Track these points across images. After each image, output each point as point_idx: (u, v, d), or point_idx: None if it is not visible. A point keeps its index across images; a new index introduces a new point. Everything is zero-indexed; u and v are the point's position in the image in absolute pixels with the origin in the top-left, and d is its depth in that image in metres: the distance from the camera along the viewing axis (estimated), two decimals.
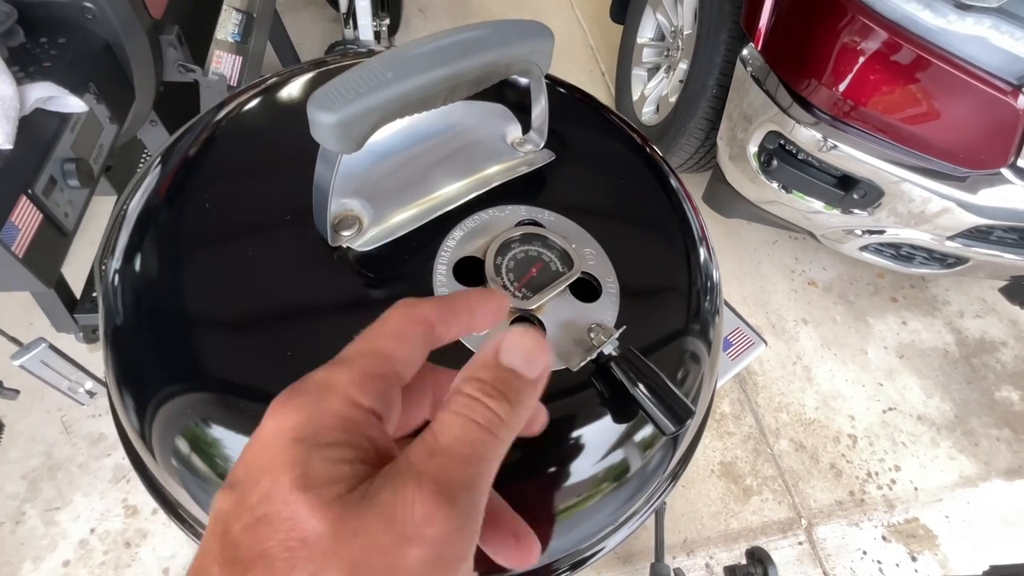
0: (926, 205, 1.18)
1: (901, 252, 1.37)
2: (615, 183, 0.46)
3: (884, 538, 1.34)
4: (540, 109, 0.41)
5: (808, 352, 1.60)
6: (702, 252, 0.46)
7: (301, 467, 0.17)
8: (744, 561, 1.03)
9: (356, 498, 0.17)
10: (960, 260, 1.32)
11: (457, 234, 0.38)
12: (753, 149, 1.31)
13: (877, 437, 1.48)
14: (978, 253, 1.26)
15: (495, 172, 0.41)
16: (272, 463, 0.17)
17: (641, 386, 0.32)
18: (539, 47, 0.36)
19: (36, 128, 0.70)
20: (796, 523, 1.34)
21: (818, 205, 1.30)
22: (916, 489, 1.41)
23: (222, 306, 0.36)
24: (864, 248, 1.38)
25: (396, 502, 0.16)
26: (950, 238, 1.24)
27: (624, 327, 0.35)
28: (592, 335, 0.34)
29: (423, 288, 0.36)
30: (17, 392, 0.85)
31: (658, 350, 0.39)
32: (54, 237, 0.72)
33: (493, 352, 0.20)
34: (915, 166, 1.15)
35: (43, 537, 1.15)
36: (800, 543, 1.31)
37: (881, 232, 1.30)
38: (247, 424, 0.33)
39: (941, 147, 1.11)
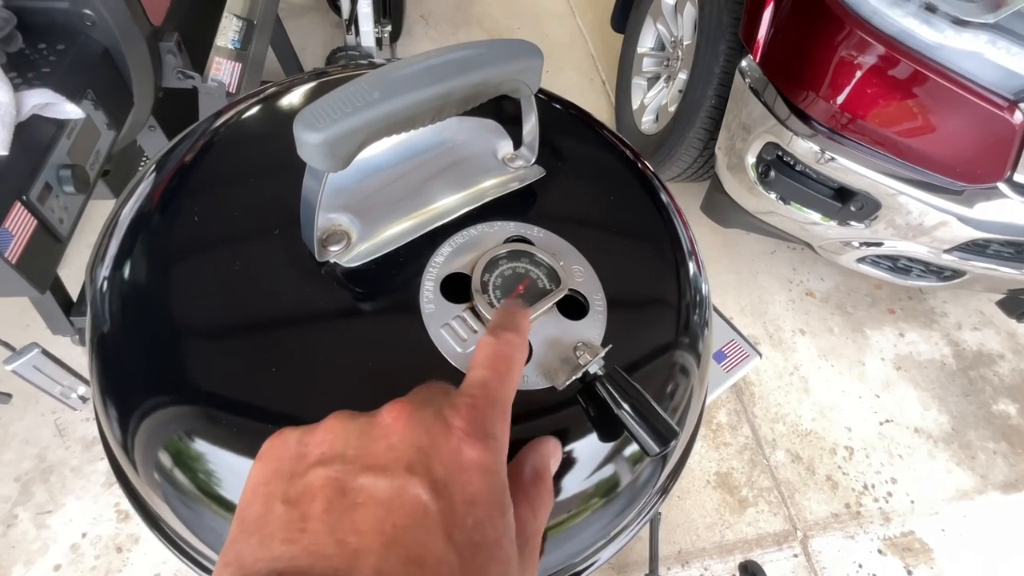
0: (923, 218, 1.18)
1: (898, 264, 1.37)
2: (605, 199, 0.46)
3: (880, 551, 1.33)
4: (531, 126, 0.41)
5: (805, 363, 1.60)
6: (691, 266, 0.46)
7: (510, 518, 0.22)
8: (737, 574, 1.03)
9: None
10: (957, 273, 1.32)
11: (445, 250, 0.38)
12: (751, 160, 1.32)
13: (874, 449, 1.47)
14: (975, 266, 1.26)
15: (485, 188, 0.41)
16: (487, 498, 0.22)
17: (626, 406, 0.32)
18: (528, 66, 0.36)
19: (32, 134, 0.70)
20: (791, 535, 1.33)
21: (815, 216, 1.30)
22: (912, 502, 1.41)
23: (208, 318, 0.36)
24: (861, 260, 1.38)
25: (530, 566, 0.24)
26: (947, 251, 1.24)
27: (610, 346, 0.35)
28: (578, 353, 0.34)
29: (410, 304, 0.36)
30: (9, 396, 0.85)
31: (646, 365, 0.38)
32: (48, 243, 0.72)
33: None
34: (912, 179, 1.15)
35: (34, 540, 1.15)
36: (795, 555, 1.31)
37: (878, 244, 1.30)
38: (230, 438, 0.33)
39: (938, 161, 1.11)
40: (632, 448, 0.37)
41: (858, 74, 1.10)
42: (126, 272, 0.39)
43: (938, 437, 1.51)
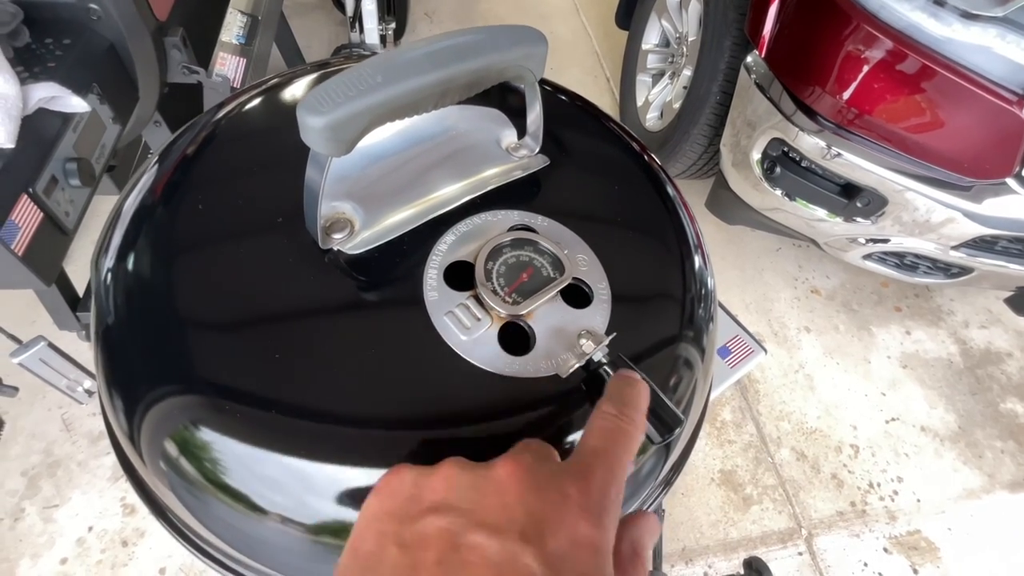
0: (930, 214, 1.17)
1: (905, 261, 1.36)
2: (610, 189, 0.45)
3: (886, 550, 1.32)
4: (535, 115, 0.41)
5: (810, 361, 1.59)
6: (697, 260, 0.45)
7: None
8: (742, 571, 1.02)
9: None
10: (965, 270, 1.31)
11: (449, 238, 0.37)
12: (756, 156, 1.31)
13: (879, 447, 1.46)
14: (983, 263, 1.25)
15: (489, 176, 0.41)
16: (589, 568, 0.21)
17: None
18: (532, 53, 0.36)
19: (39, 127, 0.71)
20: (796, 533, 1.32)
21: (821, 213, 1.29)
22: (919, 501, 1.40)
23: (212, 308, 0.36)
24: (867, 257, 1.37)
25: None
26: (954, 248, 1.23)
27: (614, 334, 0.34)
28: (582, 341, 0.34)
29: (413, 292, 0.36)
30: (16, 389, 0.85)
31: (650, 357, 0.38)
32: (54, 236, 0.72)
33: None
34: (919, 175, 1.15)
35: (41, 534, 1.16)
36: (800, 553, 1.30)
37: (885, 241, 1.29)
38: (235, 427, 0.33)
39: (946, 156, 1.10)
40: None
41: (865, 69, 1.09)
42: (130, 263, 0.39)
43: (945, 436, 1.50)
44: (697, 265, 0.45)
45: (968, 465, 1.46)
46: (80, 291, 0.97)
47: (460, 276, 0.36)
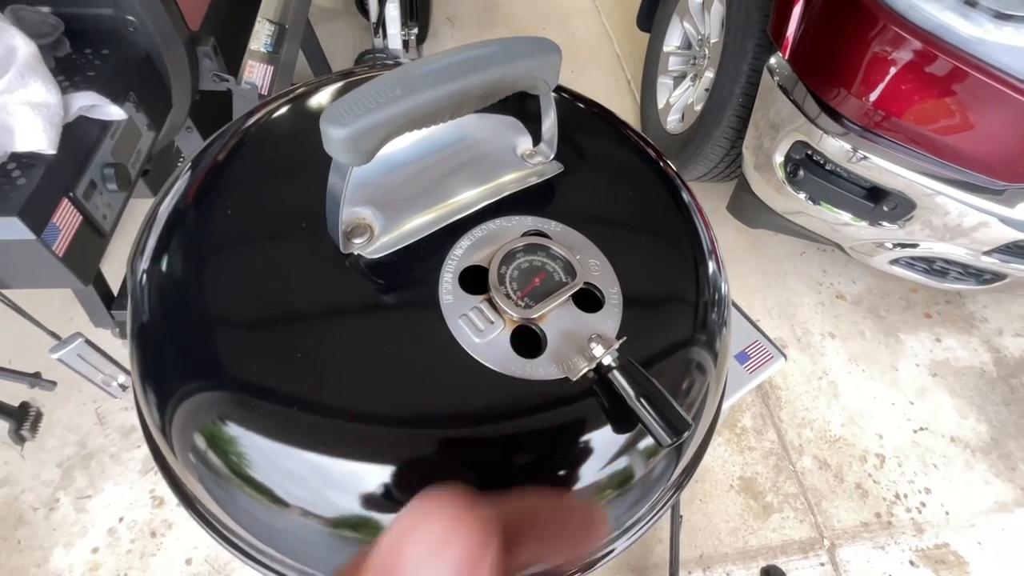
0: (961, 219, 1.14)
1: (934, 266, 1.33)
2: (623, 195, 0.46)
3: (912, 563, 1.29)
4: (549, 123, 0.42)
5: (835, 367, 1.56)
6: (710, 264, 0.46)
7: None
8: None
9: None
10: (997, 276, 1.27)
11: (464, 243, 0.39)
12: (779, 159, 1.29)
13: (907, 457, 1.43)
14: (1016, 269, 1.21)
15: (504, 183, 0.42)
16: None
17: (639, 397, 0.32)
18: (546, 63, 0.37)
19: (78, 134, 0.74)
20: (818, 543, 1.30)
21: (846, 217, 1.27)
22: (947, 513, 1.36)
23: (239, 308, 0.37)
24: (894, 261, 1.34)
25: None
26: (986, 253, 1.19)
27: (624, 338, 0.35)
28: (593, 345, 0.34)
29: (430, 295, 0.37)
30: (54, 384, 0.89)
31: (661, 361, 0.39)
32: (92, 237, 0.76)
33: None
34: (949, 178, 1.12)
35: (74, 524, 1.20)
36: (822, 564, 1.27)
37: (914, 245, 1.26)
38: (260, 423, 0.35)
39: (977, 159, 1.08)
40: (646, 441, 0.37)
41: (892, 70, 1.07)
42: (164, 264, 0.41)
43: (976, 447, 1.46)
44: (710, 270, 0.45)
45: (1000, 478, 1.42)
46: (115, 290, 1.01)
47: (475, 280, 0.37)
